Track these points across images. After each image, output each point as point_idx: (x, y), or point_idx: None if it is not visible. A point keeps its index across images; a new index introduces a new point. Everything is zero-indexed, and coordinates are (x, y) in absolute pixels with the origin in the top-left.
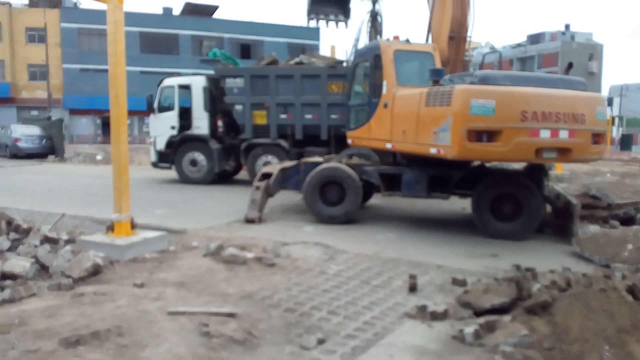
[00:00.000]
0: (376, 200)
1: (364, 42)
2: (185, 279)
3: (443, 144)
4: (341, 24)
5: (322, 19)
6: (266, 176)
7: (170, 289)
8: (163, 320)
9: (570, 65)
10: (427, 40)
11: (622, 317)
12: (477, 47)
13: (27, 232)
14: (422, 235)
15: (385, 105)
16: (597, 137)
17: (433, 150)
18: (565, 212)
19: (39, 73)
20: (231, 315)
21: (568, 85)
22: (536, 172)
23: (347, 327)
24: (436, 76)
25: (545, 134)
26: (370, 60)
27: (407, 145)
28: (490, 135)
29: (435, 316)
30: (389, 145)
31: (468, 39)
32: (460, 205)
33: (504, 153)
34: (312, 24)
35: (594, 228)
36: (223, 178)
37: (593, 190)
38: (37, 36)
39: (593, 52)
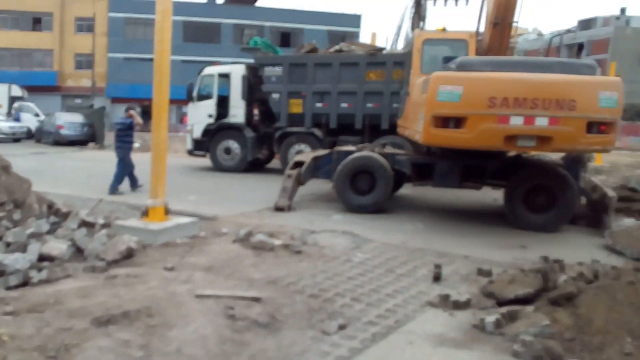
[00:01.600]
0: (407, 190)
1: (406, 29)
2: (214, 263)
3: (419, 130)
4: (461, 2)
5: None
6: (298, 165)
7: (199, 272)
8: (191, 302)
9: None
10: (478, 27)
11: None
12: (523, 34)
13: (66, 215)
14: (451, 226)
15: (408, 94)
16: (603, 126)
17: (417, 137)
18: (601, 204)
19: (84, 62)
20: (256, 299)
21: (569, 69)
22: (574, 164)
23: (369, 314)
24: (445, 63)
25: (517, 121)
26: (410, 49)
27: (411, 132)
28: (458, 121)
29: (458, 305)
30: (406, 133)
31: (515, 24)
32: (491, 196)
33: (469, 140)
34: (430, 4)
35: (629, 221)
36: (256, 166)
37: (632, 182)
38: (85, 26)
39: None
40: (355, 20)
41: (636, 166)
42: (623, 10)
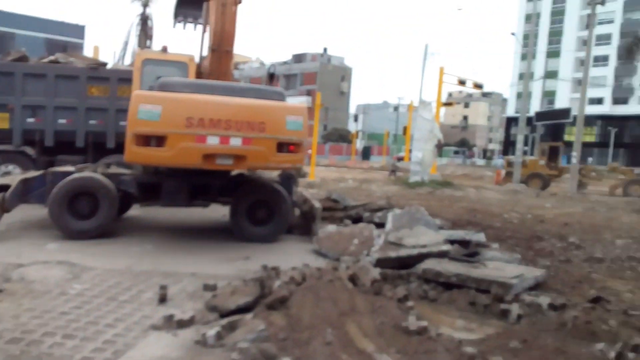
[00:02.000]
0: (137, 211)
1: (132, 45)
2: None
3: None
4: (190, 26)
5: (190, 22)
6: (2, 189)
7: None
8: None
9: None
10: (201, 51)
11: (343, 302)
12: (248, 62)
13: None
14: (180, 245)
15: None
16: (292, 147)
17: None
18: (310, 214)
19: None
20: None
21: (261, 94)
22: (287, 180)
23: (83, 350)
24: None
25: (213, 141)
26: None
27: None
28: (159, 140)
29: (182, 324)
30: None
31: (232, 52)
32: (220, 212)
33: (169, 158)
34: (179, 27)
35: (331, 227)
36: None
37: (334, 194)
38: None
39: (344, 74)
40: (78, 30)
41: (340, 180)
42: (325, 50)
